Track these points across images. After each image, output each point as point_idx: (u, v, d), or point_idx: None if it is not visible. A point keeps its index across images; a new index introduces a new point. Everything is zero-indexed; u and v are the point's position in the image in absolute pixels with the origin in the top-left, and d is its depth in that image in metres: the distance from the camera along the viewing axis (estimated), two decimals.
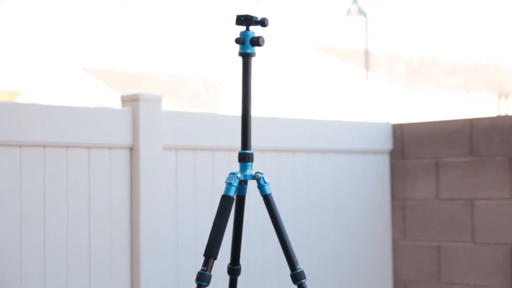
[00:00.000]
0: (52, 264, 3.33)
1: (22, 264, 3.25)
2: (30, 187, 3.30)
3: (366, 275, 4.58)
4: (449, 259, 4.52)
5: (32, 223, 3.30)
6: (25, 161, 3.29)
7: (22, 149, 3.28)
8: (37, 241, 3.31)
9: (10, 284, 3.22)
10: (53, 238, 3.35)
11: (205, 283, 2.31)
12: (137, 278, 3.54)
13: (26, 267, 3.26)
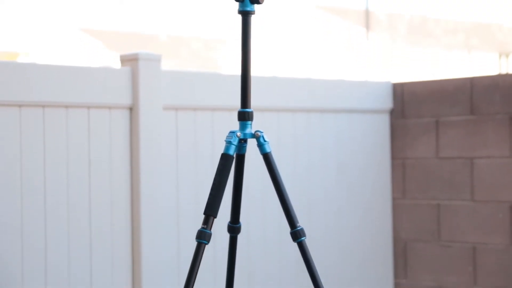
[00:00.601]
0: (52, 223, 3.35)
1: (23, 224, 3.27)
2: (29, 147, 3.30)
3: (366, 233, 4.60)
4: (449, 218, 4.54)
5: (32, 184, 3.31)
6: (25, 121, 3.29)
7: (22, 109, 3.28)
8: (38, 202, 3.32)
9: (11, 242, 3.24)
10: (53, 198, 3.36)
11: (205, 241, 2.32)
12: (138, 238, 3.56)
13: (26, 226, 3.28)
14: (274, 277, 4.15)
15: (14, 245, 3.25)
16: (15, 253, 3.25)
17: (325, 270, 4.27)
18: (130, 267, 3.57)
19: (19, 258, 3.25)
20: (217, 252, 3.82)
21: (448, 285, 4.56)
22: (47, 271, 3.32)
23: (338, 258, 4.46)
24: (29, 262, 3.28)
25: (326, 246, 4.38)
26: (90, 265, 3.46)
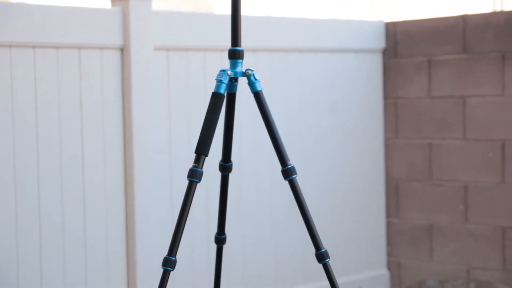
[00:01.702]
0: (45, 164, 3.36)
1: (15, 163, 3.28)
2: (20, 88, 3.30)
3: (358, 173, 4.63)
4: (441, 157, 4.56)
5: (23, 126, 3.31)
6: (15, 62, 3.27)
7: (12, 50, 3.27)
8: (30, 141, 3.32)
9: (2, 177, 3.26)
10: (45, 141, 3.36)
11: (196, 180, 2.34)
12: (131, 177, 3.58)
13: (18, 166, 3.29)
14: (266, 216, 4.18)
15: (6, 182, 3.27)
16: (7, 187, 3.26)
17: (316, 209, 4.31)
18: (123, 205, 3.59)
19: (13, 190, 3.27)
20: (209, 191, 3.84)
21: (440, 223, 4.60)
22: (41, 212, 3.35)
23: (330, 197, 4.49)
24: (22, 199, 3.29)
25: (317, 185, 4.41)
26: (83, 199, 3.49)
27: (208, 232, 3.85)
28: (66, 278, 3.40)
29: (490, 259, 4.44)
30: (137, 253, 3.58)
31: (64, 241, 3.40)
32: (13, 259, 3.24)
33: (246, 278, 4.08)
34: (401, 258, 4.76)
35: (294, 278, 4.30)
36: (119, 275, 3.58)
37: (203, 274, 3.87)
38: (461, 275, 4.55)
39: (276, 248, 4.22)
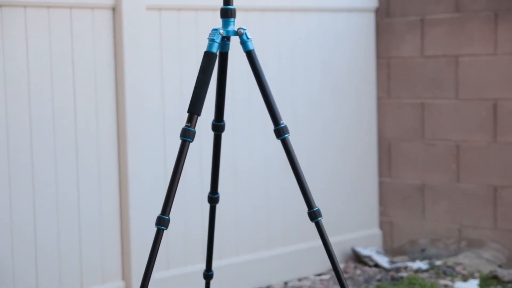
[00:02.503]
0: (38, 128, 3.35)
1: (7, 121, 3.27)
2: (11, 49, 3.28)
3: (351, 133, 4.63)
4: (433, 116, 4.57)
5: (15, 84, 3.29)
6: (6, 22, 3.25)
7: (2, 10, 3.24)
8: (22, 100, 3.31)
9: None
10: (37, 102, 3.35)
11: (189, 139, 2.34)
12: (124, 137, 3.58)
13: (11, 124, 3.28)
14: (260, 174, 4.19)
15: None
16: (1, 149, 3.26)
17: (309, 169, 4.32)
18: (116, 165, 3.60)
19: (5, 145, 3.27)
20: (202, 151, 3.85)
21: (432, 182, 4.62)
22: (33, 169, 3.35)
23: (322, 157, 4.50)
24: (15, 156, 3.29)
25: (310, 145, 4.42)
26: (76, 161, 3.49)
27: (201, 191, 3.86)
28: (60, 237, 3.41)
29: (481, 218, 4.47)
30: (131, 212, 3.59)
31: (57, 199, 3.40)
32: (6, 218, 3.25)
33: (238, 237, 4.10)
34: (393, 218, 4.79)
35: (286, 238, 4.33)
36: (113, 235, 3.59)
37: (196, 233, 3.89)
38: (452, 234, 4.58)
39: (268, 208, 4.24)
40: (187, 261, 3.86)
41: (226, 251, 4.02)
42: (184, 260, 3.85)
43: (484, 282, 4.14)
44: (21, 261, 3.28)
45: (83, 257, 3.48)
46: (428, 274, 4.32)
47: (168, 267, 3.78)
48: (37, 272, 3.33)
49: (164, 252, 3.73)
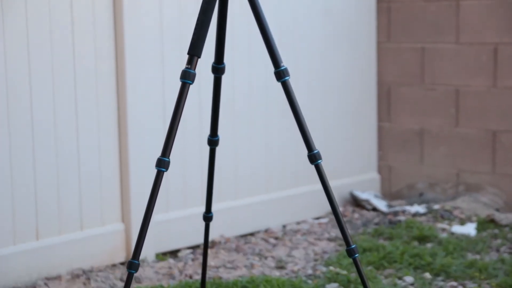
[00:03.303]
0: (37, 80, 3.34)
1: (7, 72, 3.26)
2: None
3: (351, 77, 4.62)
4: (433, 61, 4.55)
5: (14, 31, 3.27)
6: None
7: None
8: (20, 48, 3.29)
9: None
10: (36, 47, 3.33)
11: (189, 81, 2.33)
12: (123, 80, 3.56)
13: (10, 70, 3.27)
14: (259, 120, 4.19)
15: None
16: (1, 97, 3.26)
17: (308, 113, 4.31)
18: (115, 108, 3.59)
19: (5, 99, 3.27)
20: (201, 93, 3.84)
21: (431, 127, 4.62)
22: (33, 120, 3.34)
23: (321, 101, 4.49)
24: (15, 108, 3.29)
25: (309, 89, 4.41)
26: (75, 104, 3.48)
27: (200, 135, 3.86)
28: (59, 180, 3.42)
29: (480, 163, 4.48)
30: (130, 155, 3.59)
31: (56, 142, 3.40)
32: (6, 179, 3.25)
33: (237, 181, 4.12)
34: (391, 162, 4.80)
35: (285, 182, 4.34)
36: (112, 177, 3.60)
37: (196, 176, 3.90)
38: (450, 178, 4.60)
39: (267, 152, 4.24)
40: (186, 204, 3.88)
41: (225, 195, 4.04)
42: (183, 203, 3.87)
43: (482, 226, 4.17)
44: (21, 205, 3.29)
45: (83, 199, 3.50)
46: (425, 218, 4.35)
47: (167, 209, 3.80)
48: (37, 216, 3.35)
49: (163, 195, 3.74)
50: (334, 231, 4.21)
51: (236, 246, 3.91)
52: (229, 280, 3.35)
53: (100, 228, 3.56)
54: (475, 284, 3.39)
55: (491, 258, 3.73)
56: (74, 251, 3.45)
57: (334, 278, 3.44)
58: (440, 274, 3.53)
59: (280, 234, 4.14)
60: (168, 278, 3.49)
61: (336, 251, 3.89)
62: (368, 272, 3.48)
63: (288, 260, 3.76)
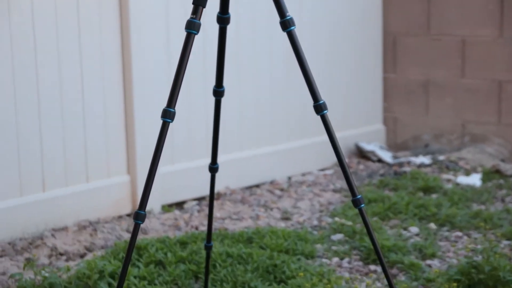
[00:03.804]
0: (41, 30, 3.32)
1: (11, 24, 3.24)
2: None
3: (356, 27, 4.59)
4: (439, 10, 4.51)
5: None
6: None
7: None
8: (26, 9, 3.28)
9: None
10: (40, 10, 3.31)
11: (194, 31, 2.30)
12: (127, 30, 3.54)
13: (14, 27, 3.25)
14: (263, 71, 4.17)
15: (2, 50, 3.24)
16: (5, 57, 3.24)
17: (314, 64, 4.29)
18: (120, 60, 3.57)
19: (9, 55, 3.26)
20: (206, 44, 3.82)
21: (437, 78, 4.60)
22: (38, 77, 3.33)
23: (327, 52, 4.47)
24: (18, 50, 3.28)
25: (315, 37, 4.38)
26: (80, 54, 3.47)
27: (205, 85, 3.85)
28: (65, 132, 3.43)
29: (485, 113, 4.47)
30: (135, 107, 3.59)
31: (61, 92, 3.40)
32: (12, 131, 3.25)
33: (242, 132, 4.11)
34: (397, 114, 4.79)
35: (290, 134, 4.34)
36: (118, 130, 3.60)
37: (200, 128, 3.90)
38: (456, 129, 4.59)
39: (272, 103, 4.23)
40: (191, 155, 3.88)
41: (230, 146, 4.04)
42: (188, 154, 3.87)
43: (487, 176, 4.18)
44: (27, 157, 3.30)
45: (88, 152, 3.50)
46: (431, 169, 4.36)
47: (172, 161, 3.81)
48: (43, 168, 3.36)
49: (168, 147, 3.75)
50: (339, 182, 4.22)
51: (241, 198, 3.92)
52: (235, 231, 3.37)
53: (106, 180, 3.57)
54: (480, 234, 3.40)
55: (496, 208, 3.74)
56: (81, 203, 3.46)
57: (340, 229, 3.46)
58: (445, 224, 3.55)
59: (285, 186, 4.15)
60: (174, 229, 3.50)
61: (342, 202, 3.90)
62: (373, 223, 3.50)
63: (294, 211, 3.78)
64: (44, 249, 3.18)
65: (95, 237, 3.33)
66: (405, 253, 3.18)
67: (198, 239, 3.19)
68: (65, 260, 3.13)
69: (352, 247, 3.27)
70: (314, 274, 2.93)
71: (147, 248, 3.06)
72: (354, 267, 3.11)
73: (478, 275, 2.73)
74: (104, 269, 2.81)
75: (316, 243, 3.32)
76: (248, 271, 2.92)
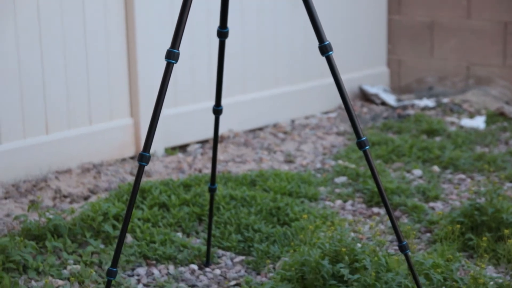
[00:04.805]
0: None
1: None
2: None
3: None
4: None
5: None
6: None
7: None
8: None
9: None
10: None
11: None
12: None
13: None
14: (268, 13, 4.13)
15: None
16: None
17: (319, 4, 4.25)
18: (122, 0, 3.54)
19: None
20: None
21: (442, 20, 4.56)
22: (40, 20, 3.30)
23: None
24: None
25: None
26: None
27: (208, 26, 3.82)
28: (67, 74, 3.41)
29: (490, 55, 4.44)
30: (138, 49, 3.56)
31: (64, 35, 3.37)
32: (15, 74, 3.23)
33: (246, 75, 4.09)
34: (401, 56, 4.76)
35: (294, 77, 4.32)
36: (120, 73, 3.58)
37: (204, 70, 3.88)
38: (460, 71, 4.57)
39: (276, 45, 4.20)
40: (195, 98, 3.87)
41: (233, 89, 4.02)
42: (192, 97, 3.86)
43: (491, 119, 4.16)
44: (30, 99, 3.29)
45: (91, 94, 3.49)
46: (434, 112, 4.34)
47: (176, 104, 3.80)
48: (46, 110, 3.35)
49: (172, 90, 3.73)
50: (343, 125, 4.21)
51: (245, 141, 3.92)
52: (238, 174, 3.37)
53: (109, 123, 3.57)
54: (483, 176, 3.41)
55: (499, 151, 3.73)
56: (84, 146, 3.46)
57: (343, 171, 3.46)
58: (448, 167, 3.55)
59: (288, 129, 4.14)
60: (177, 172, 3.51)
61: (345, 145, 3.89)
62: (377, 166, 3.50)
63: (297, 154, 3.78)
64: (48, 191, 3.18)
65: (98, 180, 3.33)
66: (408, 196, 3.18)
67: (201, 182, 3.20)
68: (69, 202, 3.14)
69: (356, 190, 3.28)
70: (317, 216, 2.94)
71: (151, 190, 3.07)
72: (357, 210, 3.12)
73: (481, 217, 2.74)
74: (108, 211, 2.81)
75: (320, 185, 3.32)
76: (252, 214, 2.93)
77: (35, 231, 2.70)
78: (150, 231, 2.80)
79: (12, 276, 2.47)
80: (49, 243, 2.62)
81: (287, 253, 2.66)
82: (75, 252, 2.67)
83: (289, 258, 2.46)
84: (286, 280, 2.38)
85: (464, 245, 2.72)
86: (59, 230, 2.70)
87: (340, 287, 2.30)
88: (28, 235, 2.70)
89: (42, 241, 2.68)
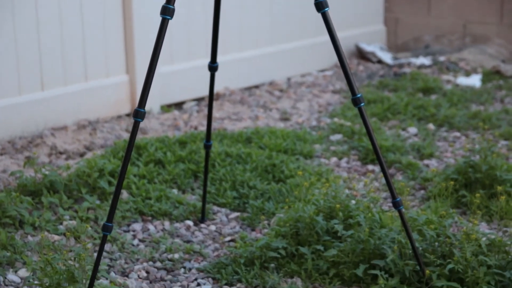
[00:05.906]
0: None
1: None
2: None
3: None
4: None
5: None
6: None
7: None
8: None
9: None
10: None
11: None
12: None
13: None
14: None
15: None
16: None
17: None
18: None
19: None
20: None
21: None
22: None
23: None
24: None
25: None
26: None
27: None
28: (63, 31, 3.39)
29: (487, 13, 4.42)
30: (133, 6, 3.54)
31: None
32: (10, 30, 3.21)
33: (242, 32, 4.08)
34: (398, 14, 4.74)
35: (290, 34, 4.30)
36: (116, 29, 3.56)
37: (200, 26, 3.86)
38: (457, 29, 4.56)
39: (272, 2, 4.18)
40: (190, 56, 3.86)
41: (229, 47, 4.01)
42: (187, 55, 3.85)
43: (487, 77, 4.16)
44: (25, 55, 3.28)
45: (86, 50, 3.48)
46: (431, 70, 4.34)
47: (171, 61, 3.79)
48: (42, 66, 3.34)
49: (167, 47, 3.72)
50: (339, 84, 4.21)
51: (240, 98, 3.92)
52: (234, 131, 3.38)
53: (104, 80, 3.56)
54: (478, 134, 3.42)
55: (495, 109, 3.74)
56: (80, 102, 3.46)
57: (338, 129, 3.47)
58: (443, 124, 3.56)
59: (284, 87, 4.14)
60: (173, 129, 3.51)
61: (341, 103, 3.90)
62: (372, 123, 3.50)
63: (293, 112, 3.78)
64: (43, 148, 3.19)
65: (94, 137, 3.34)
66: (403, 153, 3.19)
67: (197, 139, 3.20)
68: (64, 159, 3.14)
69: (351, 147, 3.29)
70: (312, 173, 2.95)
71: (146, 147, 3.08)
72: (352, 167, 3.13)
73: (475, 174, 2.75)
74: (104, 168, 2.82)
75: (315, 143, 3.33)
76: (247, 171, 2.94)
77: (31, 187, 2.71)
78: (146, 187, 2.82)
79: (8, 231, 2.49)
80: (45, 198, 2.64)
81: (281, 210, 2.68)
82: (71, 207, 2.69)
83: (284, 215, 2.48)
84: (281, 236, 2.40)
85: (458, 202, 2.74)
86: (55, 186, 2.71)
87: (334, 242, 2.32)
88: (24, 191, 2.71)
89: (38, 197, 2.69)
